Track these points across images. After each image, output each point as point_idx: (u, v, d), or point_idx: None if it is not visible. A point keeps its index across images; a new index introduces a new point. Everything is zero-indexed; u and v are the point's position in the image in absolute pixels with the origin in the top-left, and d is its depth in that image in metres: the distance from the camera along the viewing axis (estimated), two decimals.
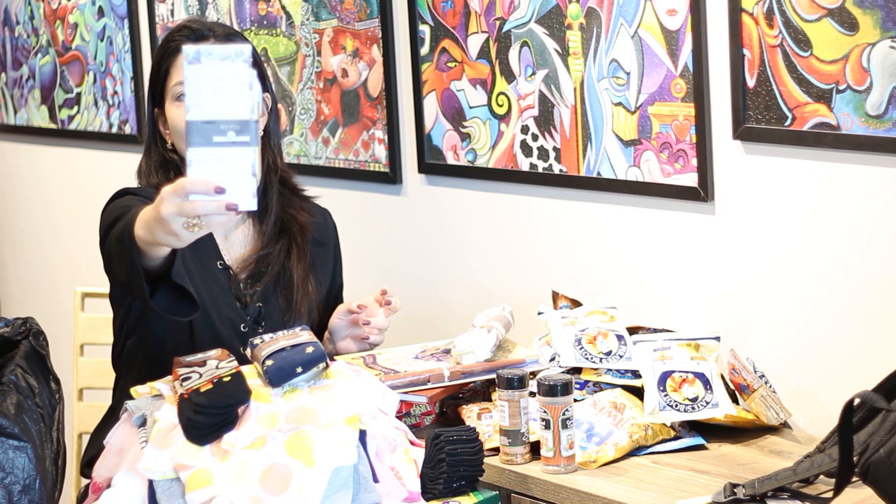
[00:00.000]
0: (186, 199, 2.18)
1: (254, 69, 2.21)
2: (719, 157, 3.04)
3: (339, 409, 2.35)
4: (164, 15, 4.33)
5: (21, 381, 2.54)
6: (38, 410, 2.52)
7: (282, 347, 2.44)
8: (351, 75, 3.79)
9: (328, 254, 3.13)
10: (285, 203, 3.04)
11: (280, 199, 3.03)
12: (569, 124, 3.29)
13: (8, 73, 4.97)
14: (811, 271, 2.93)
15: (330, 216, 3.18)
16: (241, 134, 2.16)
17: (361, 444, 2.34)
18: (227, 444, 2.30)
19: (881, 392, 2.31)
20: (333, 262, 3.15)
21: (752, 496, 2.48)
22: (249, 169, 2.16)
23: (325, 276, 3.10)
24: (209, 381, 2.37)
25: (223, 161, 2.16)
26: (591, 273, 3.32)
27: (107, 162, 4.58)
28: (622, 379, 2.92)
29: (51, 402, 2.56)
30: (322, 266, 3.09)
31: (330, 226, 3.16)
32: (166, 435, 2.33)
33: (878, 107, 2.75)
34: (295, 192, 3.10)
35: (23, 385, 2.53)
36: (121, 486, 2.33)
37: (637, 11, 3.11)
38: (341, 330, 3.04)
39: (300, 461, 2.27)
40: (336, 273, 3.16)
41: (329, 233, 3.15)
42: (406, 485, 2.39)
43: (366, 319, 3.00)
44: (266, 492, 2.25)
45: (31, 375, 2.56)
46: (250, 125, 2.15)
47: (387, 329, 3.05)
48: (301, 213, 3.05)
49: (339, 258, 3.18)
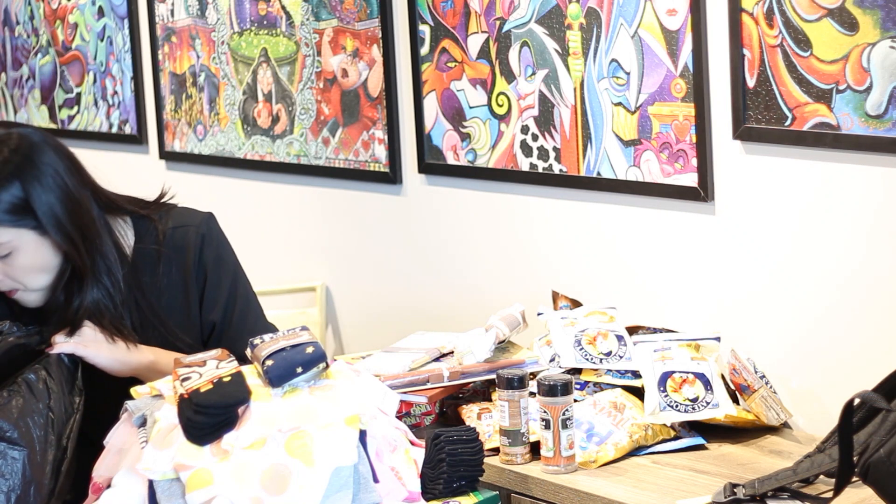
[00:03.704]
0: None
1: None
2: (719, 157, 3.04)
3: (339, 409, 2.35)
4: (164, 15, 4.33)
5: (39, 382, 2.53)
6: (50, 416, 2.51)
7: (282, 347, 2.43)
8: (351, 75, 3.79)
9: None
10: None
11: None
12: (569, 124, 3.29)
13: (8, 73, 4.97)
14: (811, 271, 2.93)
15: (191, 233, 2.77)
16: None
17: (361, 444, 2.34)
18: (227, 444, 2.30)
19: (881, 392, 2.31)
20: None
21: (752, 496, 2.48)
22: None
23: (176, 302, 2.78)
24: (209, 381, 2.37)
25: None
26: (591, 273, 3.32)
27: (107, 162, 4.58)
28: (622, 379, 2.92)
29: (67, 410, 2.55)
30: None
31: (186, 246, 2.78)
32: (166, 435, 2.33)
33: (878, 107, 2.75)
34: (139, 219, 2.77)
35: (39, 387, 2.52)
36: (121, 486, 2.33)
37: (637, 11, 3.11)
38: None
39: (300, 461, 2.27)
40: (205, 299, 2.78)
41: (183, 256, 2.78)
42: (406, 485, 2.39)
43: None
44: (266, 492, 2.25)
45: (54, 380, 2.55)
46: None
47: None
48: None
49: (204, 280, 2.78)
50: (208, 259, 2.75)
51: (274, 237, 4.12)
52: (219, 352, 2.52)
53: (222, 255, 2.78)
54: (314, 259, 4.03)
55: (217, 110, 4.20)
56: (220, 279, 2.76)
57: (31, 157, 2.62)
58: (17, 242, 2.61)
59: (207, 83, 4.22)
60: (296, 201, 4.05)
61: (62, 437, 2.52)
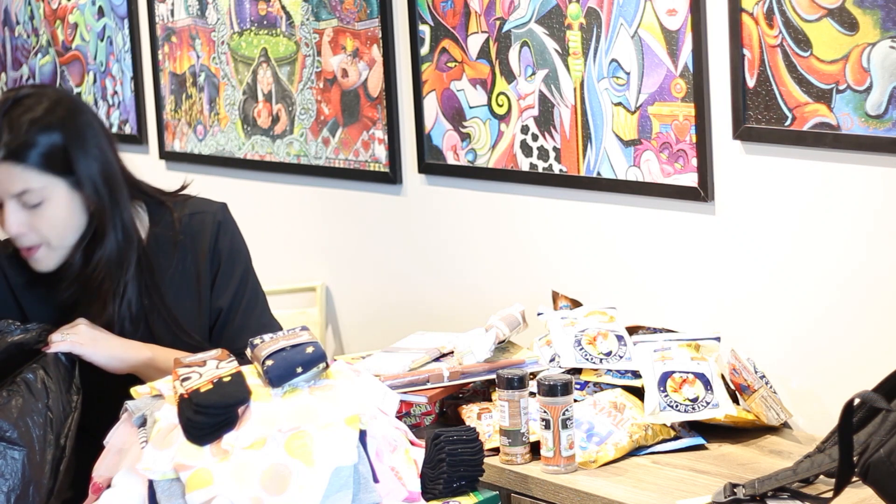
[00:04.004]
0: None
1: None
2: (719, 157, 3.04)
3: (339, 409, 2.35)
4: (164, 15, 4.33)
5: (38, 381, 2.53)
6: (49, 415, 2.51)
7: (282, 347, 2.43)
8: (351, 75, 3.79)
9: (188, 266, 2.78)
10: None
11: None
12: (569, 124, 3.29)
13: (8, 73, 4.97)
14: (811, 271, 2.93)
15: (209, 218, 2.80)
16: None
17: (361, 444, 2.34)
18: (227, 444, 2.30)
19: (881, 392, 2.31)
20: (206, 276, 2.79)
21: (752, 496, 2.48)
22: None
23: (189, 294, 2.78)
24: (209, 381, 2.37)
25: None
26: (591, 273, 3.32)
27: None
28: (622, 379, 2.92)
29: (65, 409, 2.55)
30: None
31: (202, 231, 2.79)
32: (166, 435, 2.33)
33: (878, 107, 2.75)
34: (161, 204, 2.79)
35: (38, 386, 2.52)
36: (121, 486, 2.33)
37: (637, 11, 3.11)
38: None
39: (300, 461, 2.27)
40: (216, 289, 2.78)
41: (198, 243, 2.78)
42: (406, 485, 2.39)
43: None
44: (266, 492, 2.25)
45: (52, 379, 2.55)
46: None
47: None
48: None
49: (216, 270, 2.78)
50: (223, 246, 2.77)
51: (274, 237, 4.12)
52: (219, 352, 2.53)
53: (237, 244, 2.80)
54: (314, 259, 4.03)
55: (217, 110, 4.20)
56: (233, 267, 2.78)
57: (73, 112, 2.66)
58: (49, 192, 2.62)
59: (207, 83, 4.22)
60: (296, 201, 4.05)
61: (60, 436, 2.52)
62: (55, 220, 2.64)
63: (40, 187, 2.61)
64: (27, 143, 2.60)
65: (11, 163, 2.60)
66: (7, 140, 2.60)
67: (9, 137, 2.60)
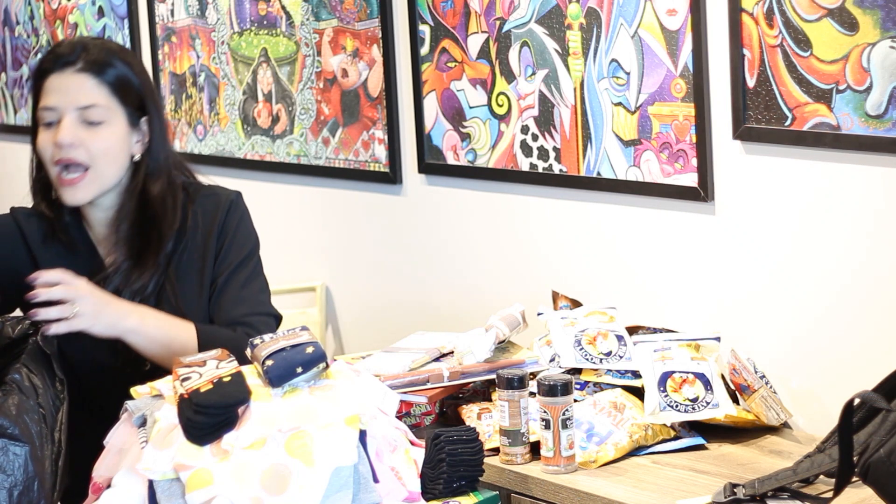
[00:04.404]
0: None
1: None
2: (719, 157, 3.04)
3: (339, 409, 2.35)
4: (164, 15, 4.33)
5: (25, 380, 2.53)
6: (41, 411, 2.52)
7: (282, 347, 2.43)
8: (351, 75, 3.79)
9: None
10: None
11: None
12: (569, 124, 3.29)
13: (8, 73, 4.97)
14: (811, 271, 2.93)
15: (222, 200, 2.85)
16: None
17: (361, 444, 2.34)
18: (227, 444, 2.30)
19: (881, 392, 2.31)
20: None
21: (752, 496, 2.48)
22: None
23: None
24: (209, 381, 2.37)
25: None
26: (591, 273, 3.32)
27: None
28: (622, 379, 2.92)
29: (54, 402, 2.56)
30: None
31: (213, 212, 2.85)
32: (166, 435, 2.33)
33: (878, 107, 2.75)
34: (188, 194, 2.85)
35: (26, 385, 2.53)
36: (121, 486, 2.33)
37: (637, 11, 3.11)
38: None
39: (300, 461, 2.27)
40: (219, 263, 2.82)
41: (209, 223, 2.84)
42: (406, 485, 2.39)
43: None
44: (266, 492, 2.25)
45: (36, 375, 2.55)
46: None
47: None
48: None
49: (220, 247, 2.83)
50: (231, 223, 2.82)
51: (274, 237, 4.11)
52: (219, 352, 2.53)
53: (246, 225, 2.84)
54: (314, 259, 4.03)
55: (217, 110, 4.21)
56: (238, 246, 2.81)
57: (143, 64, 2.83)
58: (111, 115, 2.72)
59: (207, 83, 4.22)
60: (296, 201, 4.05)
61: (54, 430, 2.53)
62: (107, 144, 2.71)
63: (106, 107, 2.71)
64: (107, 63, 2.73)
65: (88, 74, 2.71)
66: (87, 56, 2.72)
67: (89, 54, 2.72)
